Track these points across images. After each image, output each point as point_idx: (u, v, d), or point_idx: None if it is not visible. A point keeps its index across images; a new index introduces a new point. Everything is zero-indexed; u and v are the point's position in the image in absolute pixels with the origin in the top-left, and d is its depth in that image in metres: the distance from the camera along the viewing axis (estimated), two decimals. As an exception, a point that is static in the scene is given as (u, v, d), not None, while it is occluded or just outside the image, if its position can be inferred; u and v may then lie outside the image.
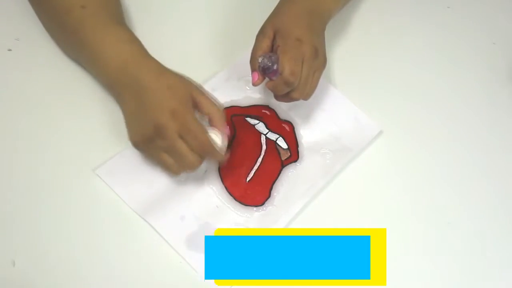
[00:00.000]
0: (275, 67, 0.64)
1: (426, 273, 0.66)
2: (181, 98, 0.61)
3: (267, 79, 0.66)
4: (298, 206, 0.67)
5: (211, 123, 0.63)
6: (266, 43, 0.66)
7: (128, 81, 0.62)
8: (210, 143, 0.61)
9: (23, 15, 0.73)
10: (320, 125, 0.73)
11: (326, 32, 0.71)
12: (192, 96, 0.61)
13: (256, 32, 0.67)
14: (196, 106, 0.62)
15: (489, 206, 0.70)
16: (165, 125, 0.59)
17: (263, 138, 0.71)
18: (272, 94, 0.70)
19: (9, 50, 0.72)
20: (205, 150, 0.61)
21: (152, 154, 0.63)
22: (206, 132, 0.61)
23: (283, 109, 0.73)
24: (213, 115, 0.62)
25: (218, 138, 0.62)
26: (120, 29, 0.66)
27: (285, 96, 0.67)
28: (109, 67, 0.63)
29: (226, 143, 0.63)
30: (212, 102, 0.63)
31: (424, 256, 0.66)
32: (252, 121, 0.72)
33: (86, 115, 0.69)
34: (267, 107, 0.73)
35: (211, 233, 0.64)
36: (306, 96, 0.68)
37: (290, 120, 0.73)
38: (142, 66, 0.62)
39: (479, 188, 0.71)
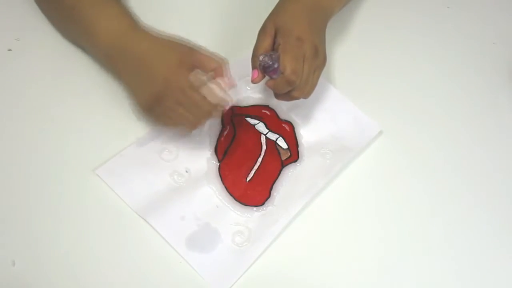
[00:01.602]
0: (275, 65, 0.64)
1: (427, 273, 0.66)
2: (173, 65, 0.62)
3: (267, 78, 0.66)
4: (298, 206, 0.67)
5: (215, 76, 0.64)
6: (267, 41, 0.66)
7: (123, 52, 0.63)
8: (205, 102, 0.62)
9: (23, 15, 0.73)
10: (320, 125, 0.73)
11: (326, 33, 0.71)
12: (185, 60, 0.62)
13: (257, 32, 0.67)
14: (195, 65, 0.63)
15: (490, 206, 0.70)
16: (161, 93, 0.61)
17: (263, 138, 0.71)
18: (272, 94, 0.70)
19: (9, 50, 0.72)
20: (201, 109, 0.63)
21: (156, 119, 0.64)
22: (199, 92, 0.62)
23: (283, 109, 0.73)
24: (214, 68, 0.63)
25: (217, 89, 0.63)
26: (116, 5, 0.67)
27: (286, 95, 0.67)
28: (104, 40, 0.65)
29: (226, 94, 0.64)
30: (210, 56, 0.63)
31: (424, 256, 0.66)
32: (252, 121, 0.72)
33: (86, 115, 0.69)
34: (267, 107, 0.73)
35: (212, 233, 0.64)
36: (307, 95, 0.68)
37: (290, 120, 0.73)
38: (135, 37, 0.64)
39: (480, 188, 0.71)
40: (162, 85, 0.61)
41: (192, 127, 0.66)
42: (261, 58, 0.64)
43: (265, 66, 0.64)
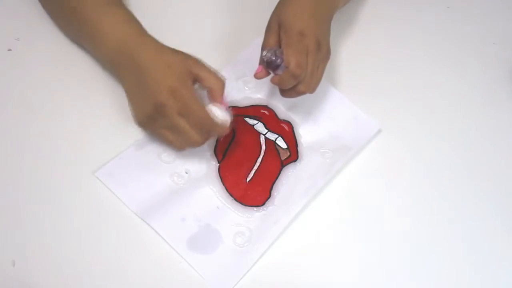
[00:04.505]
0: (278, 61, 0.63)
1: (426, 272, 0.66)
2: (179, 75, 0.61)
3: (271, 75, 0.66)
4: (299, 205, 0.67)
5: (210, 96, 0.64)
6: (273, 38, 0.65)
7: (126, 60, 0.63)
8: (209, 118, 0.62)
9: (23, 15, 0.73)
10: (319, 124, 0.73)
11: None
12: (191, 71, 0.62)
13: (254, 33, 0.67)
14: (196, 80, 0.63)
15: (489, 205, 0.70)
16: (164, 103, 0.60)
17: (262, 138, 0.71)
18: (270, 94, 0.70)
19: (9, 50, 0.72)
20: (205, 126, 0.62)
21: (155, 131, 0.65)
22: (205, 107, 0.62)
23: (282, 109, 0.73)
24: (213, 88, 0.63)
25: (218, 110, 0.63)
26: (119, 9, 0.67)
27: (291, 90, 0.66)
28: (107, 46, 0.64)
29: (227, 116, 0.64)
30: (213, 74, 0.63)
31: (423, 255, 0.67)
32: (251, 121, 0.72)
33: (86, 117, 0.69)
34: (266, 107, 0.73)
35: (212, 234, 0.64)
36: (312, 89, 0.67)
37: (289, 120, 0.73)
38: (140, 45, 0.63)
39: (479, 188, 0.71)
40: (167, 95, 0.60)
41: (192, 144, 0.64)
42: (264, 53, 0.64)
43: (268, 62, 0.64)
